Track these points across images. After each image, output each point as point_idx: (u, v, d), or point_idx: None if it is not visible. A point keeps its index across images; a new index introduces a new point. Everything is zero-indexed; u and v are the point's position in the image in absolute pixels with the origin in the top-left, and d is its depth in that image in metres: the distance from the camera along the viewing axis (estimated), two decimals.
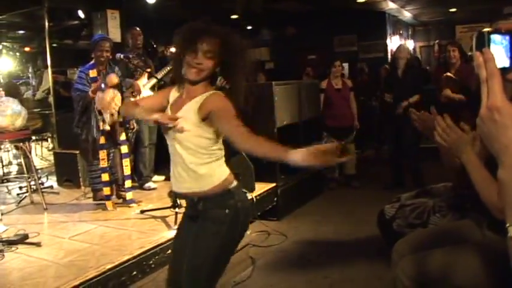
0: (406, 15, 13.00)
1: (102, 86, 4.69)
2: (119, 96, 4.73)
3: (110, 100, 4.63)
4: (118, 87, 4.83)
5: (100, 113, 4.72)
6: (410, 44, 14.12)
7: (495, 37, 1.00)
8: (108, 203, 4.83)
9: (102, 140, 4.79)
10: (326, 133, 6.65)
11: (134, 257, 3.46)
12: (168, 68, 5.53)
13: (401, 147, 6.17)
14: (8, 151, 7.11)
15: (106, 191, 4.84)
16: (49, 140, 8.77)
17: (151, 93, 5.64)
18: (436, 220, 3.15)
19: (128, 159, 4.96)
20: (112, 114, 4.71)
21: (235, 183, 2.31)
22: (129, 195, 4.98)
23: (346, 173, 6.82)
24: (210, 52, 2.14)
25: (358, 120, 6.72)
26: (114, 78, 4.73)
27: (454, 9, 12.16)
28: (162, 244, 3.67)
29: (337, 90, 6.65)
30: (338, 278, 3.84)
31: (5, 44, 10.46)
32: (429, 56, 14.15)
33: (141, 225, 4.27)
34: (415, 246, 2.37)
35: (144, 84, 5.59)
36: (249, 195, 4.86)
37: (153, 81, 5.55)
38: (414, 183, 5.87)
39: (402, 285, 2.19)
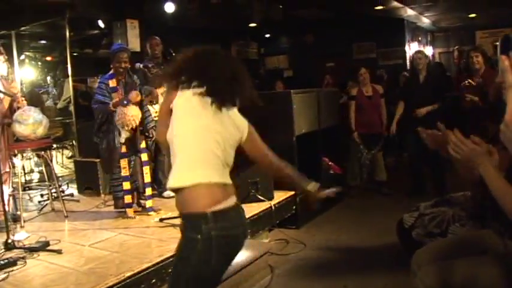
0: (425, 21, 12.90)
1: (125, 102, 4.75)
2: (140, 114, 4.80)
3: (132, 117, 4.70)
4: (140, 104, 4.89)
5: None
6: (429, 51, 14.01)
7: None
8: (129, 211, 4.88)
9: (123, 149, 4.84)
10: (355, 140, 6.63)
11: (154, 265, 3.48)
12: None
13: (423, 155, 6.09)
14: (30, 159, 7.21)
15: (127, 198, 4.89)
16: (69, 148, 8.87)
17: None
18: (455, 229, 3.11)
19: (148, 167, 5.00)
20: (133, 129, 4.78)
21: (217, 207, 2.06)
22: (148, 203, 5.02)
23: (377, 179, 6.80)
24: None
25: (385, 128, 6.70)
26: (137, 96, 4.79)
27: (474, 15, 12.03)
28: None
29: (368, 97, 6.65)
30: (357, 287, 3.81)
31: (27, 53, 10.63)
32: (449, 62, 14.00)
33: (161, 233, 4.29)
34: (435, 256, 2.34)
35: (163, 92, 5.63)
36: (269, 204, 4.88)
37: None
38: (436, 192, 5.80)
39: None
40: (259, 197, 4.91)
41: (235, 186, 2.26)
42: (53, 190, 5.62)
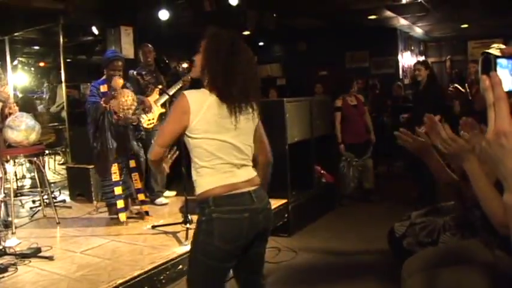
0: (418, 31, 13.02)
1: (112, 92, 4.78)
2: (132, 96, 4.83)
3: (131, 102, 4.73)
4: (125, 87, 4.94)
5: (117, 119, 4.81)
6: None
7: (501, 61, 1.01)
8: (122, 215, 4.88)
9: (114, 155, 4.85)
10: (345, 150, 6.65)
11: (145, 272, 3.48)
12: (180, 85, 5.59)
13: (418, 164, 6.07)
14: (22, 165, 7.19)
15: (119, 204, 4.89)
16: (61, 154, 8.85)
17: (162, 110, 5.70)
18: (446, 239, 3.13)
19: (137, 174, 5.02)
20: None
21: (219, 194, 2.22)
22: (144, 208, 5.12)
23: (365, 187, 6.83)
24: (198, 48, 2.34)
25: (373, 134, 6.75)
26: (118, 80, 4.81)
27: (466, 25, 12.15)
28: (173, 260, 3.70)
29: (353, 106, 6.69)
30: None
31: (20, 59, 10.62)
32: (441, 72, 14.12)
33: (153, 240, 4.29)
34: (425, 265, 2.37)
35: (155, 100, 5.66)
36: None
37: (165, 97, 5.60)
38: (427, 201, 5.82)
39: None
40: None
41: None
42: (45, 196, 5.61)
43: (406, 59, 12.99)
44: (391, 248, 3.72)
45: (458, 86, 5.54)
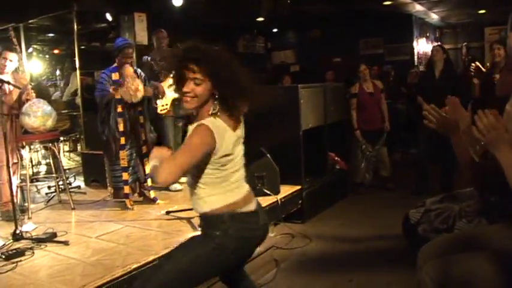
0: (434, 17, 12.84)
1: (120, 80, 4.80)
2: (140, 85, 4.88)
3: (135, 88, 4.78)
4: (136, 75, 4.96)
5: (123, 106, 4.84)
6: None
7: None
8: (128, 201, 4.93)
9: (122, 141, 4.89)
10: (359, 137, 6.62)
11: (159, 257, 3.49)
12: None
13: (434, 153, 6.01)
14: (37, 151, 7.24)
15: (126, 189, 4.94)
16: (70, 141, 8.90)
17: (175, 95, 5.69)
18: (462, 225, 3.11)
19: (147, 159, 5.05)
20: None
21: (234, 211, 2.25)
22: (152, 193, 5.13)
23: (381, 174, 6.81)
24: (197, 78, 2.17)
25: (388, 122, 6.69)
26: (129, 68, 4.83)
27: (483, 11, 11.96)
28: None
29: (369, 94, 6.62)
30: (362, 282, 3.82)
31: (35, 46, 10.67)
32: (457, 59, 13.94)
33: (167, 226, 4.31)
34: (441, 251, 2.34)
35: (169, 86, 5.65)
36: (275, 198, 4.89)
37: None
38: (443, 187, 5.78)
39: None
40: (266, 191, 4.91)
41: None
42: (60, 182, 5.66)
43: (422, 46, 12.83)
44: (405, 234, 3.71)
45: (480, 65, 5.39)
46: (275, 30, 13.42)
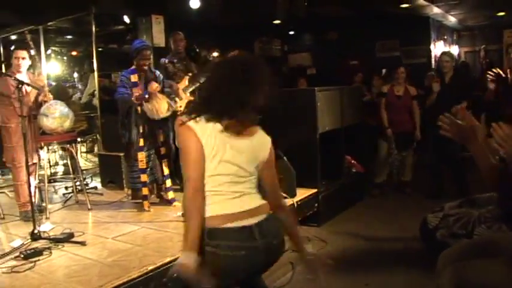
0: (451, 20, 12.72)
1: (146, 95, 4.81)
2: (166, 105, 4.90)
3: (165, 109, 4.85)
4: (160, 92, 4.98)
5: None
6: (455, 50, 13.81)
7: None
8: (145, 203, 4.97)
9: (140, 143, 4.93)
10: (389, 137, 6.57)
11: (175, 259, 3.49)
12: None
13: (445, 155, 5.99)
14: (55, 152, 7.32)
15: (144, 191, 4.98)
16: (86, 143, 8.97)
17: (191, 98, 5.71)
18: (481, 231, 3.07)
19: (166, 160, 5.10)
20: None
21: (225, 225, 2.07)
22: (170, 194, 5.14)
23: (402, 179, 6.76)
24: None
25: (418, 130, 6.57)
26: (156, 87, 4.87)
27: (502, 13, 11.82)
28: None
29: (397, 96, 6.56)
30: (378, 286, 3.79)
31: (53, 48, 10.77)
32: (475, 62, 13.80)
33: (182, 227, 4.29)
34: (461, 256, 2.32)
35: (184, 88, 5.67)
36: (291, 201, 4.87)
37: (195, 85, 5.62)
38: (459, 193, 5.72)
39: None
40: (282, 194, 4.89)
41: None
42: (77, 183, 5.71)
43: (439, 49, 12.72)
44: (423, 239, 3.67)
45: (501, 71, 5.32)
46: (291, 32, 13.39)
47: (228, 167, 2.10)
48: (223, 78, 2.09)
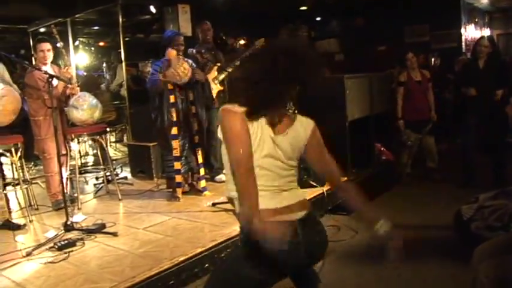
0: (483, 1, 12.38)
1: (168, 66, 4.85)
2: (188, 67, 4.90)
3: (186, 68, 4.84)
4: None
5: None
6: (486, 33, 13.45)
7: None
8: (178, 190, 5.01)
9: (174, 131, 4.92)
10: (404, 126, 6.48)
11: (207, 250, 3.52)
12: (238, 63, 5.55)
13: (481, 144, 5.82)
14: (85, 142, 7.41)
15: (178, 178, 5.00)
16: (116, 132, 9.07)
17: (221, 88, 5.69)
18: None
19: (200, 149, 5.09)
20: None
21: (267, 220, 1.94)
22: (202, 183, 5.17)
23: (428, 165, 6.65)
24: None
25: (435, 112, 6.51)
26: (172, 51, 4.87)
27: None
28: (233, 237, 3.70)
29: (417, 82, 6.46)
30: (410, 276, 3.73)
31: (81, 39, 10.88)
32: (507, 45, 13.41)
33: (213, 217, 4.33)
34: (498, 251, 2.26)
35: (214, 78, 5.65)
36: (321, 190, 4.84)
37: (224, 74, 5.60)
38: (494, 183, 5.58)
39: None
40: (312, 182, 4.87)
41: None
42: (108, 173, 5.77)
43: (470, 32, 12.41)
44: (457, 231, 3.61)
45: None
46: (318, 18, 13.24)
47: (270, 162, 2.03)
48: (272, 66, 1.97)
